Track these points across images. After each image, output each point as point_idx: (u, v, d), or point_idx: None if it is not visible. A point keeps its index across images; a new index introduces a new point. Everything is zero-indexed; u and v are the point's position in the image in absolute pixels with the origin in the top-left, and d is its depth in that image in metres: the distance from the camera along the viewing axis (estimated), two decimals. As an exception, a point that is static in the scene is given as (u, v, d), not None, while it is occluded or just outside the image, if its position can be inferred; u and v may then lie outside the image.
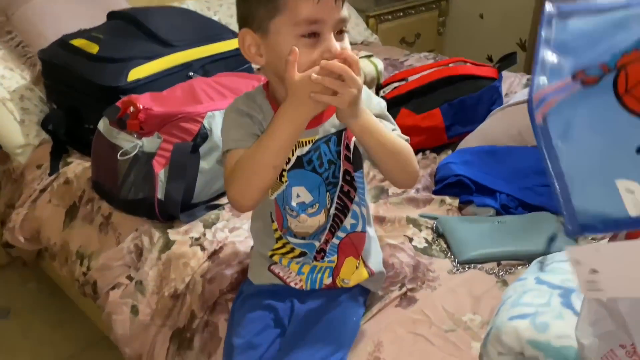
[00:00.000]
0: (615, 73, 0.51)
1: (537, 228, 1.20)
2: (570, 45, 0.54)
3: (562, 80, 0.53)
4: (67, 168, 1.58)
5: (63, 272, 1.52)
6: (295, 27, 0.81)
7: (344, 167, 0.95)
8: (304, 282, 1.00)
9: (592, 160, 0.51)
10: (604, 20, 0.54)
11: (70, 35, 1.65)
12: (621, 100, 0.50)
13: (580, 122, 0.52)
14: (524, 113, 1.55)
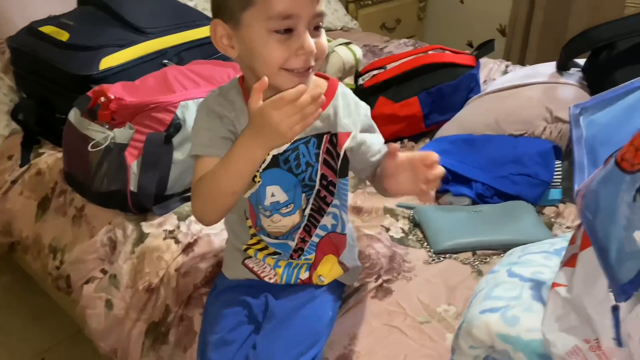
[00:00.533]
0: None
1: (512, 217, 1.21)
2: (598, 137, 0.62)
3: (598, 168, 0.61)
4: (38, 159, 1.54)
5: (36, 266, 1.49)
6: (268, 22, 0.77)
7: (321, 171, 0.92)
8: (279, 276, 0.99)
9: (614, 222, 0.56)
10: (621, 106, 0.62)
11: (39, 22, 1.61)
12: (619, 166, 0.55)
13: (605, 196, 0.57)
14: (501, 101, 1.56)
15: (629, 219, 0.53)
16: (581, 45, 1.45)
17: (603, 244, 0.54)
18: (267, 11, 0.77)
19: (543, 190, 1.27)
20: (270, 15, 0.77)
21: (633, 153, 0.52)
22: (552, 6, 2.62)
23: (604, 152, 0.60)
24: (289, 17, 0.77)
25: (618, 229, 0.53)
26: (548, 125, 1.37)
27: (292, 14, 0.77)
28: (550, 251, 0.87)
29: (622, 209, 0.53)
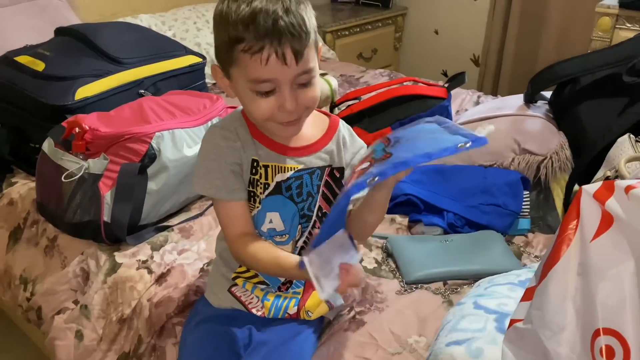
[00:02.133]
0: None
1: (483, 247, 1.23)
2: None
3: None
4: (11, 188, 1.53)
5: (6, 297, 1.47)
6: (249, 83, 0.80)
7: (319, 203, 0.94)
8: (267, 309, 0.98)
9: None
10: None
11: (15, 51, 1.61)
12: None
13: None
14: (471, 133, 1.58)
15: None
16: (547, 80, 1.50)
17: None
18: (245, 75, 0.80)
19: (512, 220, 1.30)
20: (249, 79, 0.80)
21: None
22: (523, 38, 2.72)
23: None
24: (267, 80, 0.79)
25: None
26: (516, 156, 1.41)
27: (269, 78, 0.79)
28: (516, 282, 0.89)
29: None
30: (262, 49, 0.76)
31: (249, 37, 0.76)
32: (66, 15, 1.92)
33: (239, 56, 0.78)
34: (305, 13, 0.79)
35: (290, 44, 0.76)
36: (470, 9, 2.96)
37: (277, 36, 0.75)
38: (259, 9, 0.76)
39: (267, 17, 0.75)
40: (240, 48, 0.77)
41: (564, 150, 1.38)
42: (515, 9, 2.70)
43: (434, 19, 3.13)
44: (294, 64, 0.78)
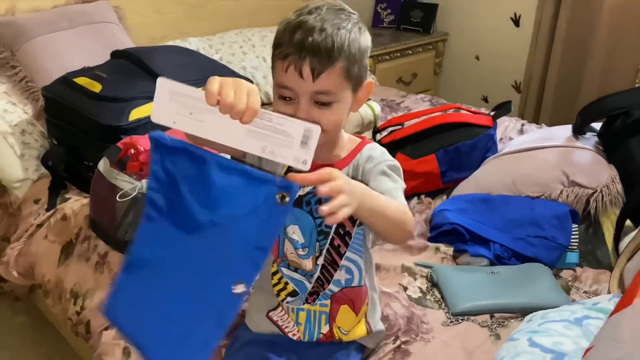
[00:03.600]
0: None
1: (530, 280, 1.22)
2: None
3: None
4: (64, 204, 1.59)
5: (56, 310, 1.51)
6: (275, 87, 0.87)
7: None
8: (301, 333, 1.00)
9: None
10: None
11: (74, 73, 1.68)
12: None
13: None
14: (518, 163, 1.59)
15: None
16: (597, 112, 1.48)
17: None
18: (274, 77, 0.88)
19: (560, 253, 1.29)
20: (275, 81, 0.87)
21: None
22: (567, 66, 2.69)
23: None
24: (286, 87, 0.85)
25: None
26: (565, 188, 1.39)
27: (287, 86, 0.85)
28: (571, 320, 0.88)
29: None
30: (286, 57, 0.83)
31: (283, 42, 0.84)
32: (121, 38, 2.00)
33: (274, 59, 0.87)
34: (345, 39, 0.83)
35: (309, 60, 0.82)
36: (513, 34, 2.95)
37: (299, 51, 0.82)
38: (303, 22, 0.83)
39: (302, 32, 0.82)
40: (276, 52, 0.86)
41: (615, 184, 1.36)
42: (559, 35, 2.67)
43: (475, 44, 3.13)
44: (311, 80, 0.83)
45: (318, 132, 0.69)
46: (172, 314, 0.77)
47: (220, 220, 0.73)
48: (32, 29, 1.83)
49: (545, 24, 2.70)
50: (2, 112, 1.73)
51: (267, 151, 0.70)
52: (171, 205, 0.76)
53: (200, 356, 0.75)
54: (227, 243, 0.73)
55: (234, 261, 0.73)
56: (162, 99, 0.70)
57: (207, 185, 0.73)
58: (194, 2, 2.40)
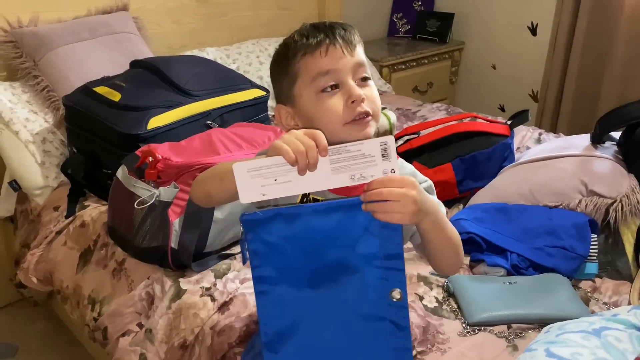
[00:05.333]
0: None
1: (548, 290, 1.20)
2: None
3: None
4: (83, 211, 1.61)
5: (74, 316, 1.53)
6: (313, 84, 0.86)
7: None
8: None
9: None
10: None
11: (94, 82, 1.71)
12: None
13: None
14: (535, 172, 1.58)
15: None
16: (617, 120, 1.47)
17: None
18: (309, 75, 0.86)
19: (579, 264, 1.27)
20: (313, 76, 0.85)
21: None
22: (585, 75, 2.66)
23: None
24: (329, 72, 0.85)
25: None
26: (583, 198, 1.38)
27: (330, 69, 0.85)
28: (589, 331, 0.87)
29: None
30: (319, 43, 0.85)
31: (306, 44, 0.86)
32: (140, 48, 2.03)
33: (300, 66, 0.86)
34: (355, 38, 0.89)
35: (342, 37, 0.86)
36: (530, 43, 2.94)
37: (331, 35, 0.85)
38: (315, 26, 0.87)
39: (322, 27, 0.87)
40: (301, 55, 0.86)
41: (635, 194, 1.34)
42: (577, 43, 2.65)
43: (492, 53, 3.12)
44: (349, 53, 0.86)
45: (393, 141, 0.72)
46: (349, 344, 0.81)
47: (341, 256, 0.77)
48: (54, 39, 1.87)
49: (562, 32, 2.68)
50: (24, 121, 1.76)
51: (356, 178, 0.73)
52: (281, 271, 0.79)
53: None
54: (357, 271, 0.76)
55: (371, 282, 0.76)
56: (244, 181, 0.73)
57: (311, 234, 0.76)
58: (212, 12, 2.43)
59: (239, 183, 0.73)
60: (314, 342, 0.81)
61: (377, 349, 0.79)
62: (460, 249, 0.89)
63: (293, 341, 0.81)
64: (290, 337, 0.82)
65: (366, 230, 0.73)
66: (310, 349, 0.82)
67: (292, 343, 0.82)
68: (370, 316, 0.78)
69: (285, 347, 0.82)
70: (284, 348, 0.82)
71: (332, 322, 0.80)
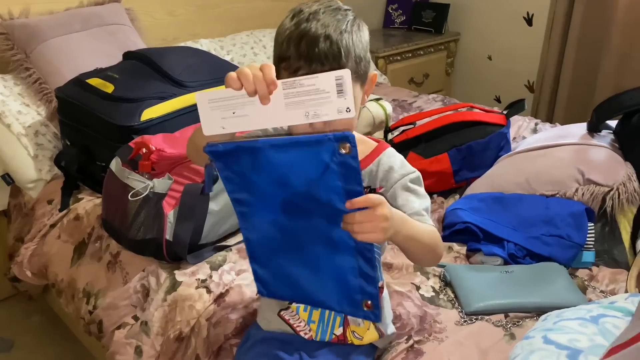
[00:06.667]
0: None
1: (545, 279, 1.20)
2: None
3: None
4: (77, 204, 1.60)
5: (69, 310, 1.52)
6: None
7: None
8: (314, 332, 0.99)
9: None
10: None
11: (86, 74, 1.69)
12: None
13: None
14: (532, 161, 1.57)
15: None
16: (613, 109, 1.46)
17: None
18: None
19: (576, 252, 1.26)
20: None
21: None
22: (581, 65, 2.66)
23: None
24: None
25: None
26: (580, 186, 1.37)
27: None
28: (587, 318, 0.86)
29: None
30: (297, 70, 0.84)
31: (290, 56, 0.84)
32: (133, 40, 2.01)
33: (281, 71, 0.86)
34: (349, 42, 0.85)
35: (321, 69, 0.82)
36: (525, 34, 2.93)
37: (309, 63, 0.83)
38: (306, 32, 0.83)
39: (307, 43, 0.83)
40: (283, 66, 0.86)
41: (631, 182, 1.33)
42: (573, 34, 2.64)
43: (488, 44, 3.11)
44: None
45: (349, 74, 0.70)
46: (319, 272, 0.86)
47: (301, 190, 0.77)
48: (45, 31, 1.85)
49: (558, 22, 2.68)
50: (16, 114, 1.74)
51: (310, 115, 0.72)
52: (254, 195, 0.82)
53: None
54: (319, 204, 0.77)
55: (332, 213, 0.77)
56: (205, 112, 0.74)
57: (274, 167, 0.77)
58: (205, 4, 2.41)
59: (202, 114, 0.74)
60: (291, 261, 0.87)
61: (346, 272, 0.83)
62: (437, 247, 0.89)
63: (274, 257, 0.88)
64: (271, 253, 0.88)
65: (328, 169, 0.73)
66: (288, 266, 0.88)
67: (273, 258, 0.89)
68: (339, 243, 0.80)
69: (267, 261, 0.90)
70: (267, 262, 0.90)
71: (305, 245, 0.84)
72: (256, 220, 0.85)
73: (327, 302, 0.90)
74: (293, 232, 0.84)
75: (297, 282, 0.90)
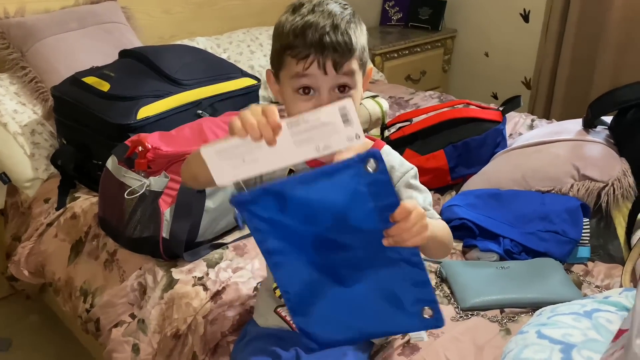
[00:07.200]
0: None
1: (541, 275, 1.20)
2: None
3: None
4: (74, 203, 1.60)
5: (66, 308, 1.52)
6: (291, 82, 0.86)
7: None
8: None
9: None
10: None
11: (82, 72, 1.69)
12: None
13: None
14: (528, 157, 1.57)
15: None
16: (608, 104, 1.47)
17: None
18: (290, 73, 0.86)
19: (571, 248, 1.27)
20: (292, 76, 0.86)
21: None
22: (578, 61, 2.66)
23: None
24: (305, 76, 0.85)
25: None
26: (575, 182, 1.37)
27: (309, 83, 0.85)
28: (581, 313, 0.87)
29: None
30: (307, 56, 0.84)
31: (297, 45, 0.84)
32: (129, 38, 2.01)
33: (286, 59, 0.86)
34: (354, 32, 0.86)
35: (332, 57, 0.83)
36: (522, 31, 2.93)
37: (321, 49, 0.83)
38: (309, 24, 0.84)
39: (315, 32, 0.83)
40: (289, 53, 0.85)
41: (626, 178, 1.34)
42: (569, 30, 2.64)
43: (484, 41, 3.11)
44: (333, 74, 0.85)
45: (351, 104, 0.70)
46: (369, 301, 0.81)
47: (334, 222, 0.75)
48: (41, 30, 1.85)
49: (555, 19, 2.68)
50: (12, 113, 1.74)
51: (321, 148, 0.71)
52: (286, 239, 0.78)
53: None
54: (355, 230, 0.75)
55: (371, 234, 0.74)
56: (214, 164, 0.72)
57: (303, 205, 0.74)
58: (202, 1, 2.41)
59: (211, 166, 0.72)
60: (336, 300, 0.82)
61: (397, 290, 0.79)
62: (450, 240, 0.91)
63: (317, 302, 0.82)
64: (313, 299, 0.82)
65: (356, 190, 0.71)
66: (334, 307, 0.82)
67: (316, 304, 0.82)
68: (382, 263, 0.78)
69: (311, 309, 0.83)
70: (311, 310, 0.83)
71: (348, 278, 0.80)
72: (292, 267, 0.80)
73: (383, 329, 0.87)
74: (332, 268, 0.80)
75: (348, 322, 0.84)
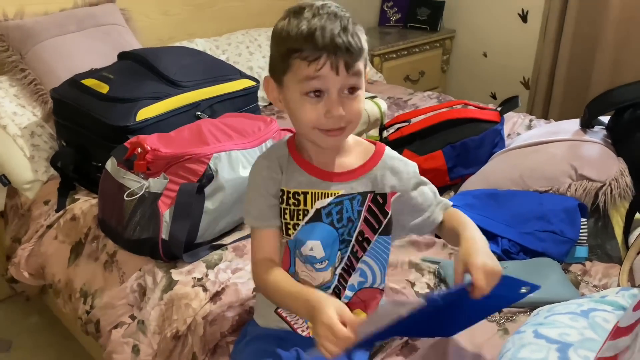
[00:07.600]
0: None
1: (538, 274, 1.20)
2: None
3: None
4: (74, 205, 1.60)
5: (67, 310, 1.53)
6: (299, 86, 0.85)
7: (360, 228, 0.96)
8: (311, 328, 0.99)
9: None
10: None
11: (82, 74, 1.70)
12: None
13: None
14: (525, 157, 1.58)
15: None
16: (605, 104, 1.47)
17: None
18: (298, 77, 0.85)
19: (569, 247, 1.27)
20: (301, 79, 0.85)
21: None
22: (576, 61, 2.67)
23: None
24: (316, 78, 0.84)
25: None
26: (573, 182, 1.38)
27: (319, 85, 0.84)
28: (577, 312, 0.87)
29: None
30: (318, 58, 0.83)
31: (307, 48, 0.83)
32: (128, 40, 2.02)
33: (294, 62, 0.85)
34: (360, 33, 0.87)
35: (344, 57, 0.83)
36: (520, 31, 2.94)
37: (334, 50, 0.83)
38: (317, 26, 0.83)
39: (326, 34, 0.82)
40: (297, 56, 0.84)
41: (624, 177, 1.34)
42: (567, 30, 2.65)
43: (483, 41, 3.12)
44: (345, 74, 0.85)
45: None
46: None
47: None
48: (40, 32, 1.86)
49: (553, 19, 2.69)
50: (12, 115, 1.75)
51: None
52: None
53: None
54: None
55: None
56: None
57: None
58: (200, 3, 2.42)
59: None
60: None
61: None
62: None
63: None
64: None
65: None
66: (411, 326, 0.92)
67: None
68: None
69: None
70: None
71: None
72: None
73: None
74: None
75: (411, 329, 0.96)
